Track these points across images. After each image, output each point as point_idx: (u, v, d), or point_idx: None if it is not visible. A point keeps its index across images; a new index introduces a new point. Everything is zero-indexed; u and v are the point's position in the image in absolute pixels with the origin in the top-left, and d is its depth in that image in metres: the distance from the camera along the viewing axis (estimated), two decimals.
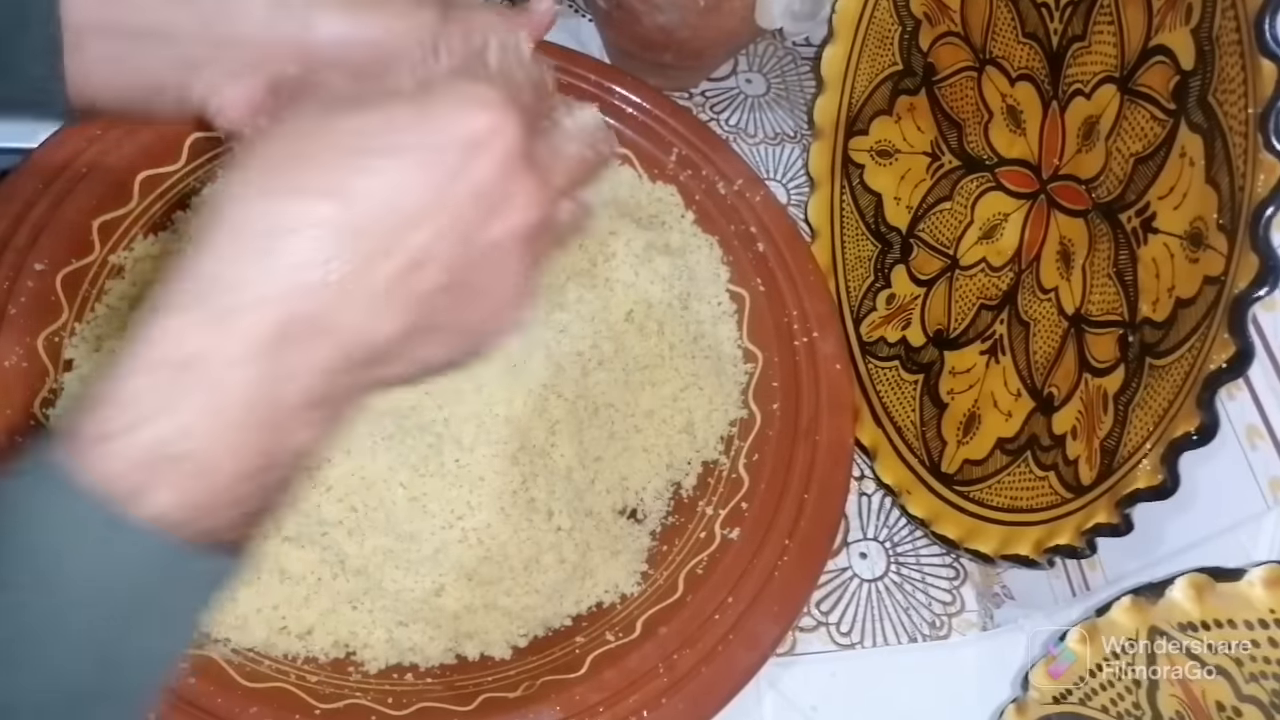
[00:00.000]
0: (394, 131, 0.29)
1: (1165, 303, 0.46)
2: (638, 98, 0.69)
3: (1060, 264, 0.55)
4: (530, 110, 0.32)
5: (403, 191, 0.29)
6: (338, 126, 0.30)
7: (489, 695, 0.49)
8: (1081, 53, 0.52)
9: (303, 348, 0.28)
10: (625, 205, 0.65)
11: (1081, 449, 0.50)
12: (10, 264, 0.54)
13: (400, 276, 0.29)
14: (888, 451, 0.62)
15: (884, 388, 0.64)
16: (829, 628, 0.58)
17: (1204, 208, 0.44)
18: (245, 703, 0.45)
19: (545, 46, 0.69)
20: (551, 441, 0.55)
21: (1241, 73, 0.42)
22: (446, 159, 0.29)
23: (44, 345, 0.53)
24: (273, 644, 0.49)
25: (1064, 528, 0.49)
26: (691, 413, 0.60)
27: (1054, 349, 0.54)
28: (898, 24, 0.64)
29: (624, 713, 0.48)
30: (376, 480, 0.51)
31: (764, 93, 0.81)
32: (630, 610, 0.53)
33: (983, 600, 0.60)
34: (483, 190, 0.30)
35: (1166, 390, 0.45)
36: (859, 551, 0.61)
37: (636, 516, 0.58)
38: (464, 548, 0.51)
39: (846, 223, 0.69)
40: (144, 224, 0.59)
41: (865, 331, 0.66)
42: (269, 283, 0.27)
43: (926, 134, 0.65)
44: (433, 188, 0.29)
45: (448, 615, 0.51)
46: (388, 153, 0.29)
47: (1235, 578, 0.42)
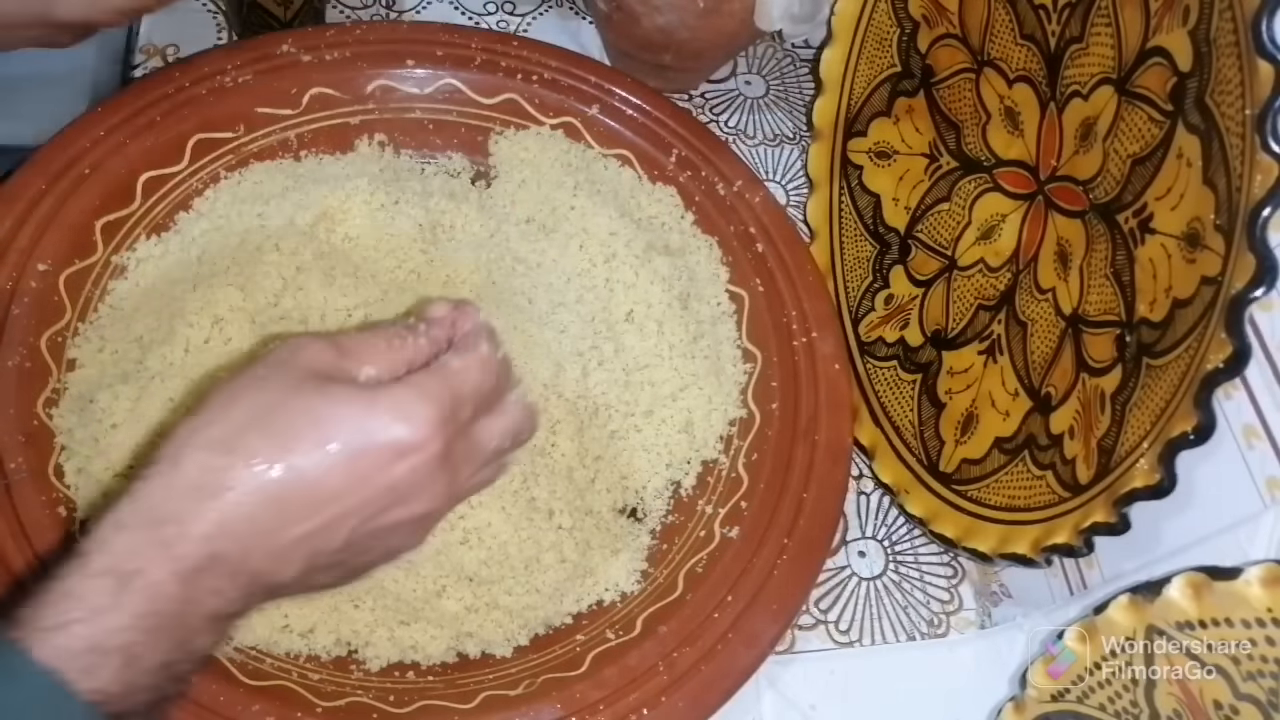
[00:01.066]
0: (337, 424, 0.36)
1: (1162, 303, 0.46)
2: (638, 99, 0.69)
3: (1058, 264, 0.55)
4: (466, 419, 0.39)
5: (328, 476, 0.36)
6: (294, 404, 0.36)
7: (490, 693, 0.49)
8: (1079, 54, 0.53)
9: (218, 579, 0.35)
10: (625, 206, 0.65)
11: (1079, 448, 0.50)
12: (13, 264, 0.54)
13: (307, 538, 0.36)
14: (886, 451, 0.62)
15: (882, 387, 0.64)
16: (828, 626, 0.58)
17: (1201, 208, 0.44)
18: (247, 700, 0.46)
19: (546, 49, 0.70)
20: (552, 441, 0.55)
21: (1239, 74, 0.42)
22: (372, 459, 0.36)
23: (47, 345, 0.54)
24: (275, 642, 0.49)
25: (1062, 527, 0.49)
26: (691, 412, 0.60)
27: (1051, 349, 0.54)
28: (896, 26, 0.64)
29: (624, 710, 0.48)
30: None
31: (763, 94, 0.81)
32: (630, 608, 0.53)
33: (981, 599, 0.61)
34: (396, 487, 0.37)
35: (1164, 390, 0.45)
36: (858, 550, 0.62)
37: (636, 515, 0.58)
38: (465, 548, 0.52)
39: (845, 224, 0.69)
40: (147, 225, 0.60)
41: (864, 331, 0.66)
42: (203, 523, 0.34)
43: (925, 135, 0.65)
44: (354, 479, 0.36)
45: (449, 615, 0.51)
46: (325, 442, 0.36)
47: (1232, 577, 0.42)
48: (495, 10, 0.80)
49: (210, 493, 0.35)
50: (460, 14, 0.79)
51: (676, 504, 0.59)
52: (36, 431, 0.51)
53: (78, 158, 0.58)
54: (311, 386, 0.37)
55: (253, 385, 0.37)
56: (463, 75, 0.68)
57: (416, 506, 0.39)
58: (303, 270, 0.56)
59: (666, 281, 0.62)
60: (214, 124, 0.63)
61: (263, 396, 0.37)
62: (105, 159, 0.59)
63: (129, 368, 0.53)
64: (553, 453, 0.55)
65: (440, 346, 0.41)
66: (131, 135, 0.60)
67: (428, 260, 0.60)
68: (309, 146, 0.66)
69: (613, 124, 0.69)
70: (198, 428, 0.36)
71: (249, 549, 0.35)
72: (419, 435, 0.37)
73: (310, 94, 0.65)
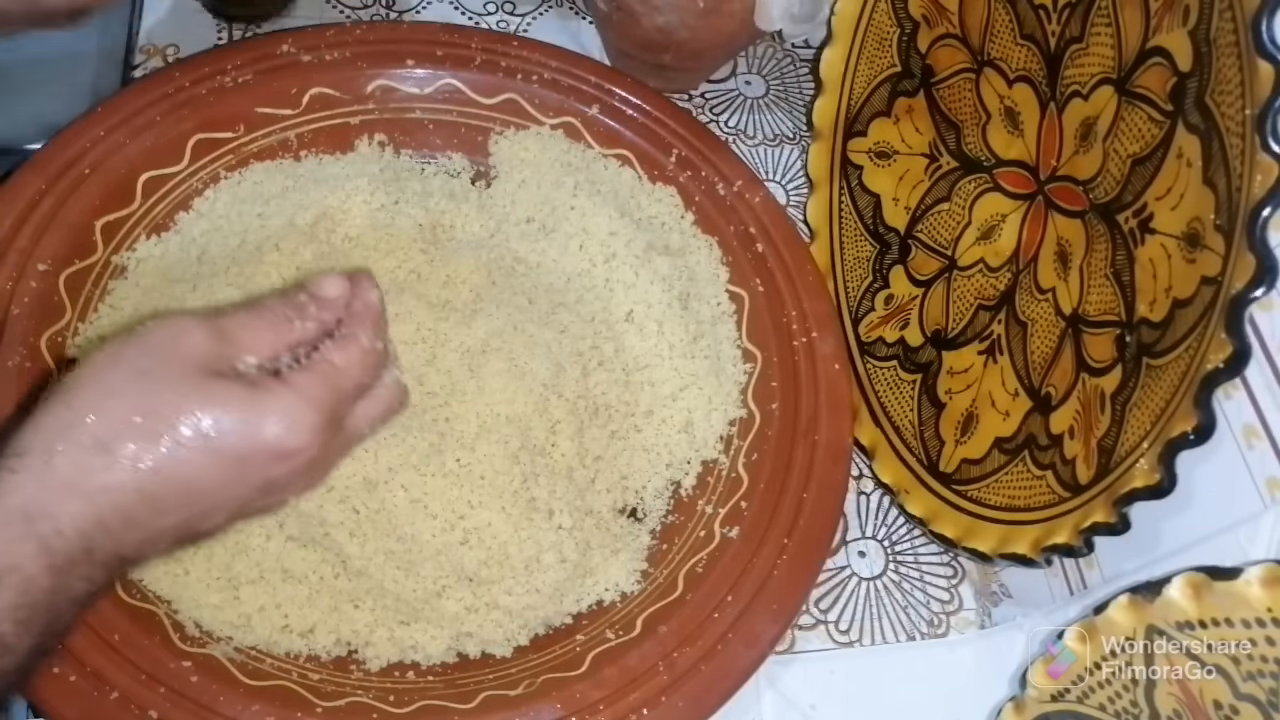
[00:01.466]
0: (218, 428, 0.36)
1: (1162, 303, 0.46)
2: (638, 99, 0.69)
3: (1058, 264, 0.55)
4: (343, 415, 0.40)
5: (206, 476, 0.36)
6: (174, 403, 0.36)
7: (490, 693, 0.49)
8: (1079, 54, 0.53)
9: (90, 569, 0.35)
10: (625, 206, 0.65)
11: (1079, 448, 0.50)
12: (13, 264, 0.54)
13: (179, 526, 0.37)
14: (886, 451, 0.62)
15: (882, 387, 0.64)
16: (828, 626, 0.58)
17: (1201, 208, 0.44)
18: (247, 700, 0.46)
19: (546, 49, 0.70)
20: (552, 441, 0.55)
21: (1239, 74, 0.42)
22: (250, 463, 0.37)
23: (47, 345, 0.54)
24: (275, 642, 0.49)
25: (1062, 526, 0.49)
26: (691, 412, 0.60)
27: (1051, 349, 0.54)
28: (896, 26, 0.64)
29: (624, 710, 0.48)
30: (378, 482, 0.51)
31: (763, 94, 0.81)
32: (630, 608, 0.53)
33: (981, 599, 0.61)
34: (271, 482, 0.38)
35: (1163, 390, 0.45)
36: (857, 550, 0.62)
37: (636, 515, 0.58)
38: (465, 549, 0.52)
39: (845, 224, 0.69)
40: (147, 225, 0.60)
41: (864, 331, 0.66)
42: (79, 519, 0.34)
43: (925, 135, 0.65)
44: (231, 479, 0.37)
45: (449, 615, 0.51)
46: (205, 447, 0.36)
47: (1232, 577, 0.42)
48: (495, 10, 0.80)
49: (85, 491, 0.35)
50: (460, 14, 0.79)
51: (676, 504, 0.59)
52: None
53: (78, 158, 0.58)
54: (192, 385, 0.37)
55: (131, 379, 0.37)
56: (463, 75, 0.68)
57: (288, 494, 0.40)
58: (303, 270, 0.56)
59: (666, 281, 0.62)
60: (214, 124, 0.63)
61: (142, 394, 0.36)
62: (105, 159, 0.59)
63: None
64: (553, 453, 0.55)
65: (327, 327, 0.41)
66: (131, 135, 0.60)
67: (428, 260, 0.60)
68: (309, 146, 0.66)
69: (613, 124, 0.69)
70: (72, 423, 0.35)
71: (122, 540, 0.36)
72: (299, 442, 0.38)
73: (310, 94, 0.65)
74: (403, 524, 0.51)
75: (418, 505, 0.52)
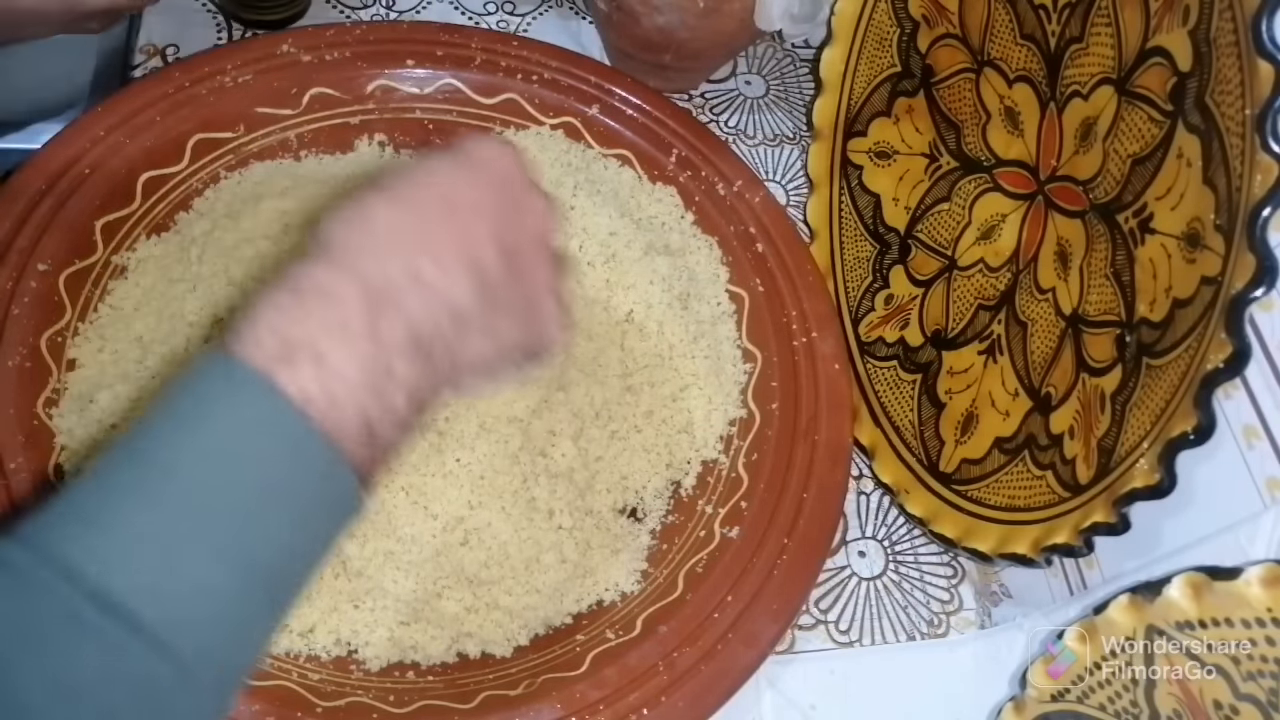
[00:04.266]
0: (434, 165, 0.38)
1: (1162, 303, 0.46)
2: (638, 99, 0.69)
3: (1058, 264, 0.55)
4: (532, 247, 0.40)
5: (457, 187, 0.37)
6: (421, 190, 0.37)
7: (490, 693, 0.49)
8: (1079, 54, 0.53)
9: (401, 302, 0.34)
10: (625, 206, 0.65)
11: (1079, 448, 0.50)
12: (14, 264, 0.54)
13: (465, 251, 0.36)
14: (886, 451, 0.62)
15: (882, 387, 0.64)
16: (828, 626, 0.58)
17: (1201, 208, 0.44)
18: (247, 700, 0.46)
19: (546, 49, 0.70)
20: (552, 441, 0.55)
21: (1239, 74, 0.42)
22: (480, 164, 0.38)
23: (47, 345, 0.54)
24: (275, 642, 0.49)
25: (1062, 526, 0.49)
26: (691, 412, 0.60)
27: (1051, 349, 0.54)
28: (896, 26, 0.64)
29: (624, 710, 0.48)
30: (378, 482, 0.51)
31: (763, 94, 0.81)
32: (630, 608, 0.53)
33: (981, 599, 0.61)
34: (507, 182, 0.39)
35: (1163, 390, 0.45)
36: (858, 550, 0.62)
37: (636, 515, 0.58)
38: (465, 550, 0.52)
39: (845, 224, 0.69)
40: (147, 225, 0.60)
41: (864, 331, 0.66)
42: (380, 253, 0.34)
43: (925, 135, 0.65)
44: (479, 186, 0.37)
45: (449, 615, 0.51)
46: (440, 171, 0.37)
47: (1232, 577, 0.42)
48: (495, 10, 0.80)
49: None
50: (460, 14, 0.79)
51: (676, 504, 0.59)
52: (36, 431, 0.51)
53: (78, 158, 0.58)
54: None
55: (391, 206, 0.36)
56: (463, 75, 0.68)
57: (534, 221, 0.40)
58: None
59: (666, 281, 0.62)
60: (214, 124, 0.63)
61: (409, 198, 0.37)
62: (105, 159, 0.59)
63: (129, 368, 0.53)
64: (553, 453, 0.55)
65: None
66: (131, 135, 0.60)
67: None
68: (309, 146, 0.66)
69: (613, 124, 0.69)
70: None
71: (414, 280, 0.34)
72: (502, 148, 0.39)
73: (310, 94, 0.65)
74: (403, 524, 0.51)
75: (418, 506, 0.52)
